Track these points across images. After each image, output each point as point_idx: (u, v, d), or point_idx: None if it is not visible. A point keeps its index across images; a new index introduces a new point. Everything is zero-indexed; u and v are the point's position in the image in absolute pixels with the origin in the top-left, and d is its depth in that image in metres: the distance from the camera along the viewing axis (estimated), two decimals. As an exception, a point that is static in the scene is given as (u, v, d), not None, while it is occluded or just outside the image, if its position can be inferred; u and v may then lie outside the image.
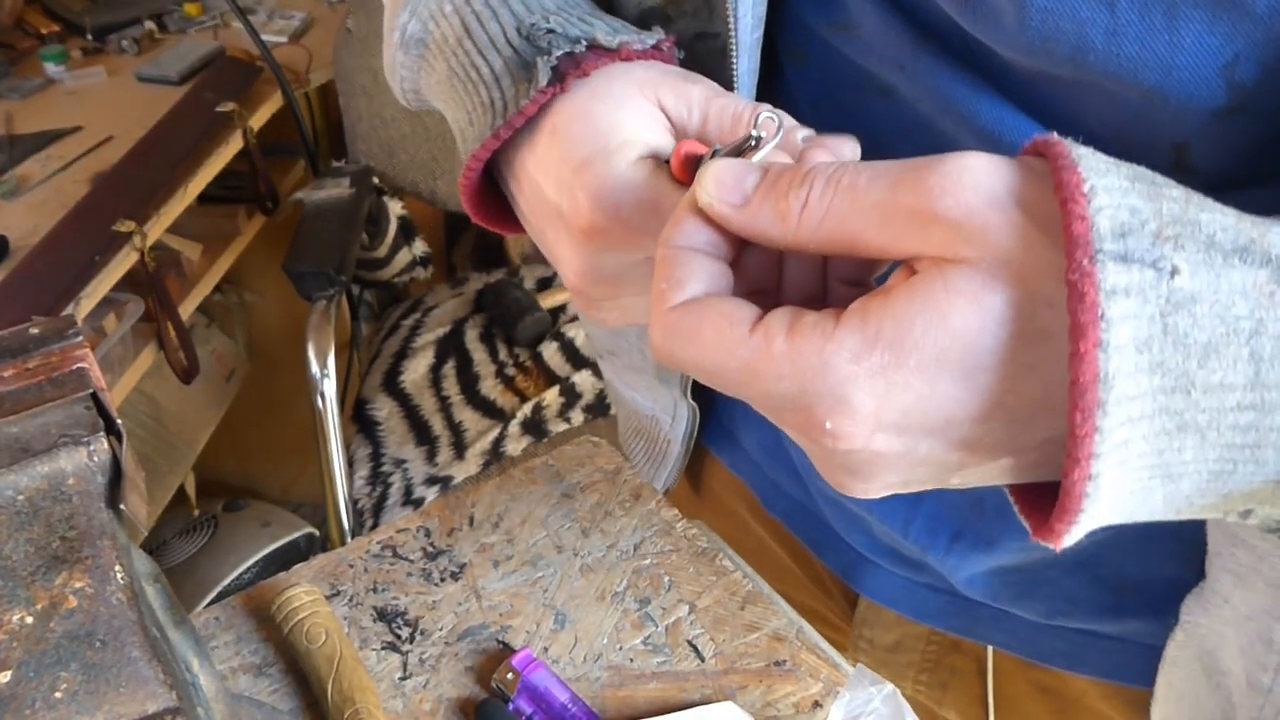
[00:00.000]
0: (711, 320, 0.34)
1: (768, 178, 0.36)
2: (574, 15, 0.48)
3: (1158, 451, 0.30)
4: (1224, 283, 0.30)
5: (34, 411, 0.41)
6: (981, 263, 0.31)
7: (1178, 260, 0.29)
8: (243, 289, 2.00)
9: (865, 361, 0.31)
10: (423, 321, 1.71)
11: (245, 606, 0.69)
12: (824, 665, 0.65)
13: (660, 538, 0.73)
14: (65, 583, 0.38)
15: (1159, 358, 0.29)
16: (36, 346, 0.43)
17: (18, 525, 0.39)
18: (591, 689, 0.64)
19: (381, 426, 1.55)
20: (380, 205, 1.68)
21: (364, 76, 1.67)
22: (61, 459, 0.40)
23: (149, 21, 1.78)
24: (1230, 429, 0.30)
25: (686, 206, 0.37)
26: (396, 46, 0.54)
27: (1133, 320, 0.29)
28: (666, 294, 0.36)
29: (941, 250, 0.31)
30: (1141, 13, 0.39)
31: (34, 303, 1.22)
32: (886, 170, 0.33)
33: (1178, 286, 0.29)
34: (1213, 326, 0.29)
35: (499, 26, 0.49)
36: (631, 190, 0.42)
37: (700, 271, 0.36)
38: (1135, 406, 0.29)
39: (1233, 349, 0.29)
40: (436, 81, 0.53)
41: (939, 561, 0.62)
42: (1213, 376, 0.29)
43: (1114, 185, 0.30)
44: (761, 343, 0.33)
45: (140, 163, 1.45)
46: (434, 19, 0.52)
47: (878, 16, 0.49)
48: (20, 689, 0.36)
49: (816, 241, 0.34)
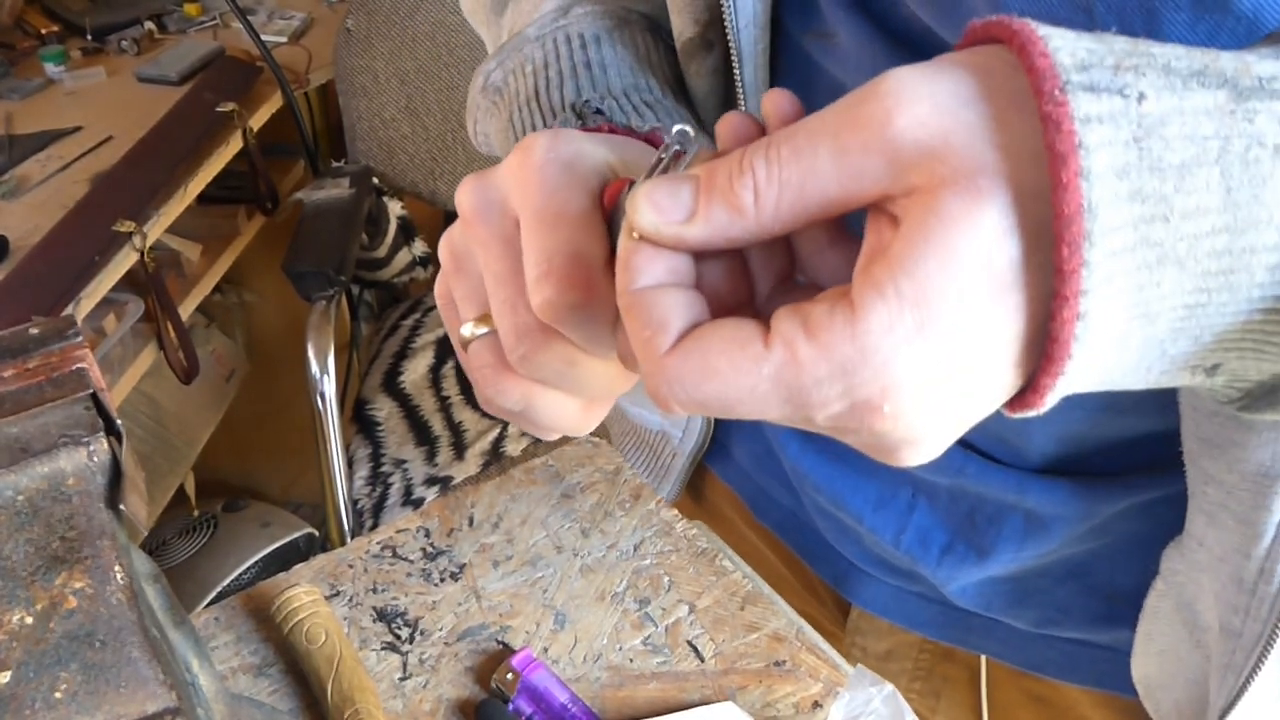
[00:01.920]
0: (719, 349, 0.32)
1: (702, 180, 0.33)
2: (631, 102, 0.49)
3: (1138, 287, 0.29)
4: (1188, 104, 0.29)
5: (34, 411, 0.41)
6: (959, 177, 0.29)
7: (1142, 86, 0.29)
8: (242, 289, 2.00)
9: (899, 330, 0.30)
10: (423, 321, 1.71)
11: (245, 607, 0.69)
12: (824, 665, 0.65)
13: (660, 538, 0.73)
14: (65, 583, 0.38)
15: (1137, 184, 0.29)
16: (36, 346, 0.43)
17: (18, 525, 0.39)
18: (591, 689, 0.64)
19: (381, 427, 1.55)
20: (380, 205, 1.68)
21: (364, 76, 1.67)
22: (61, 459, 0.40)
23: (149, 21, 1.79)
24: (1206, 255, 0.30)
25: (630, 244, 0.34)
26: (479, 90, 0.56)
27: (1109, 147, 0.28)
28: (653, 340, 0.33)
29: (911, 178, 0.30)
30: (1120, 16, 0.38)
31: (34, 303, 1.22)
32: (821, 121, 0.32)
33: (1146, 111, 0.29)
34: (1184, 148, 0.29)
35: (561, 95, 0.50)
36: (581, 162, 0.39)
37: (676, 305, 0.33)
38: (1118, 238, 0.29)
39: (1204, 170, 0.29)
40: (499, 129, 0.55)
41: (930, 572, 0.62)
42: (1189, 200, 0.29)
43: (1064, 33, 0.30)
44: (784, 353, 0.31)
45: (140, 163, 1.45)
46: (515, 75, 0.54)
47: (852, 23, 0.49)
48: (20, 689, 0.36)
49: (782, 222, 0.32)
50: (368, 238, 1.66)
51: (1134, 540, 0.56)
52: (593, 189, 0.38)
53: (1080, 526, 0.56)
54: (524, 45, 0.55)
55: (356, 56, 1.65)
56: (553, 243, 0.37)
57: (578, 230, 0.37)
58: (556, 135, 0.40)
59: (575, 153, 0.39)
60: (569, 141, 0.39)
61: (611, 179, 0.39)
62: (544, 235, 0.37)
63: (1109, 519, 0.56)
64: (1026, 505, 0.57)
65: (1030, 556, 0.59)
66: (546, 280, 0.36)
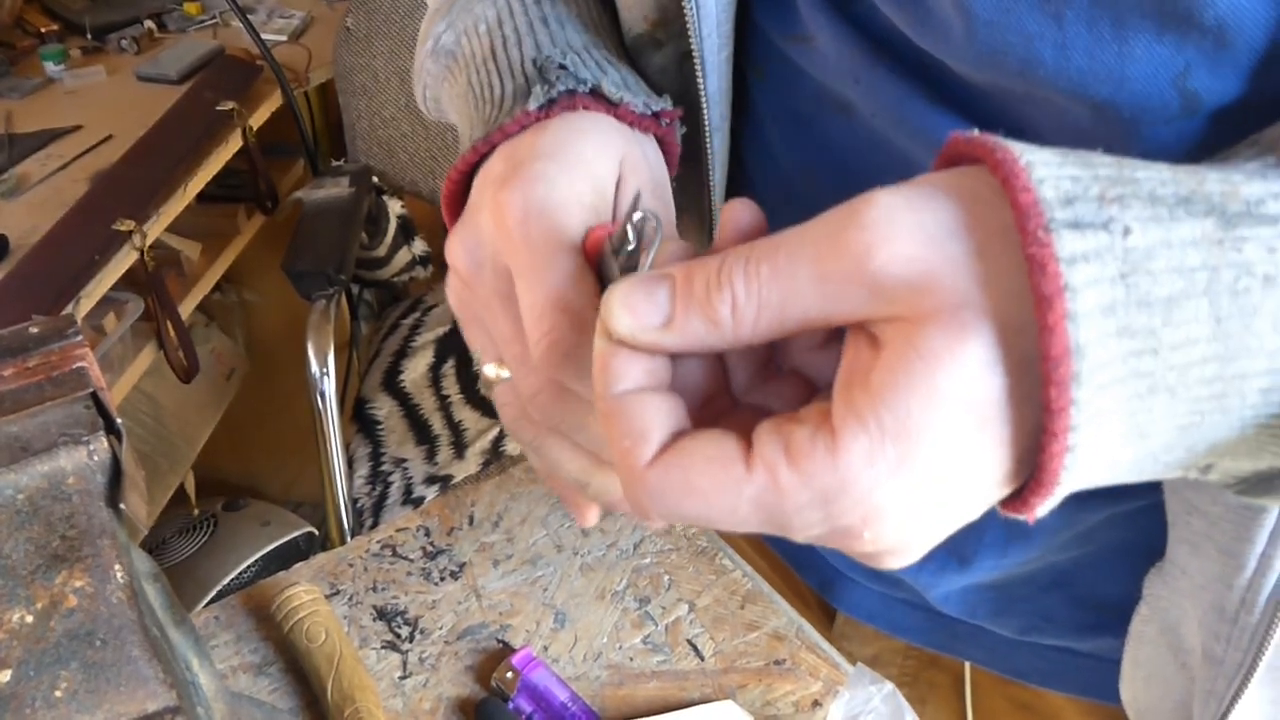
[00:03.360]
0: (700, 468, 0.32)
1: (679, 286, 0.33)
2: (593, 58, 0.48)
3: (1130, 414, 0.30)
4: (1174, 235, 0.29)
5: (34, 411, 0.41)
6: (942, 313, 0.29)
7: (1127, 219, 0.29)
8: (242, 288, 2.00)
9: (880, 463, 0.30)
10: (422, 321, 1.71)
11: (245, 606, 0.69)
12: (824, 664, 0.65)
13: (660, 537, 0.73)
14: (65, 582, 0.38)
15: (1125, 320, 0.29)
16: (36, 346, 0.43)
17: (18, 524, 0.39)
18: (591, 688, 0.64)
19: (381, 426, 1.55)
20: (380, 204, 1.68)
21: (364, 76, 1.67)
22: (61, 458, 0.40)
23: (149, 21, 1.78)
24: (1197, 383, 0.30)
25: (606, 346, 0.34)
26: (428, 54, 0.54)
27: (1095, 286, 0.28)
28: (633, 451, 0.33)
29: (892, 309, 0.30)
30: (1089, 25, 0.38)
31: (34, 302, 1.22)
32: (801, 241, 0.31)
33: (1132, 245, 0.29)
34: (1171, 282, 0.29)
35: (520, 54, 0.49)
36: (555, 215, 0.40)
37: (655, 414, 0.33)
38: (1107, 373, 0.29)
39: (1192, 302, 0.29)
40: (457, 94, 0.53)
41: (913, 579, 0.62)
42: (1178, 333, 0.29)
43: (1048, 159, 0.29)
44: (765, 478, 0.31)
45: (140, 162, 1.45)
46: (467, 35, 0.52)
47: (831, 28, 0.49)
48: (20, 688, 0.36)
49: (759, 336, 0.32)
50: (367, 237, 1.66)
51: (1117, 548, 0.56)
52: (574, 236, 0.40)
53: (1062, 535, 0.56)
54: (473, 4, 0.53)
55: (356, 55, 1.65)
56: (545, 301, 0.38)
57: (566, 285, 0.38)
58: (526, 186, 0.41)
59: (547, 202, 0.40)
60: (540, 189, 0.41)
61: (591, 223, 0.41)
62: (536, 294, 0.39)
63: (1092, 527, 0.55)
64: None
65: (1012, 564, 0.59)
66: (546, 338, 0.38)
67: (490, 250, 0.42)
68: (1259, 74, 0.37)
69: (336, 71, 1.67)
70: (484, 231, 0.42)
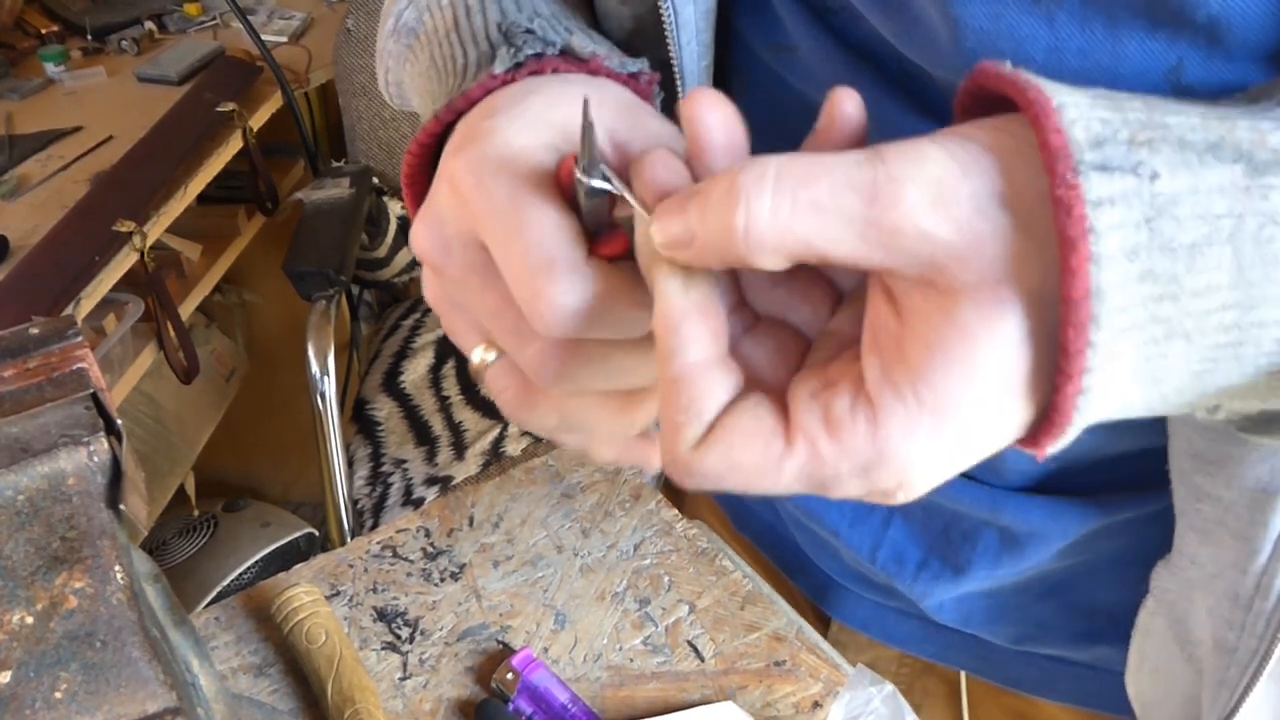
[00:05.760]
0: (741, 445, 0.32)
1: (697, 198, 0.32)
2: (561, 23, 0.46)
3: (1145, 359, 0.30)
4: (1202, 182, 0.29)
5: (34, 411, 0.41)
6: (983, 288, 0.30)
7: (1156, 164, 0.29)
8: (243, 289, 2.00)
9: (917, 434, 0.31)
10: (422, 321, 1.71)
11: (245, 606, 0.69)
12: (824, 665, 0.65)
13: (660, 538, 0.73)
14: (65, 583, 0.38)
15: (1148, 265, 0.29)
16: (36, 346, 0.43)
17: (18, 525, 0.39)
18: (591, 689, 0.64)
19: (381, 427, 1.55)
20: (380, 205, 1.68)
21: (364, 76, 1.67)
22: (61, 459, 0.40)
23: (149, 21, 1.78)
24: (1215, 329, 0.30)
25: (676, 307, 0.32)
26: (389, 34, 0.52)
27: (1120, 230, 0.28)
28: (686, 427, 0.32)
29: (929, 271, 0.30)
30: (1082, 25, 0.38)
31: (34, 303, 1.22)
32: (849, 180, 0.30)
33: (1159, 190, 0.29)
34: (1196, 228, 0.29)
35: (484, 21, 0.47)
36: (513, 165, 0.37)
37: (717, 390, 0.33)
38: (1126, 317, 0.29)
39: (1215, 249, 0.29)
40: (419, 73, 0.50)
41: (906, 588, 0.62)
42: (1199, 279, 0.29)
43: (1080, 100, 0.29)
44: (806, 450, 0.32)
45: (140, 163, 1.45)
46: (429, 10, 0.50)
47: (813, 38, 0.49)
48: (20, 689, 0.36)
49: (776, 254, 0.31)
50: (368, 238, 1.66)
51: (1113, 558, 0.56)
52: (539, 184, 0.36)
53: (1057, 544, 0.56)
54: None
55: (356, 56, 1.65)
56: (526, 257, 0.35)
57: (545, 234, 0.35)
58: (476, 146, 0.37)
59: (504, 155, 0.37)
60: (493, 144, 0.37)
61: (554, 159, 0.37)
62: (515, 254, 0.35)
63: (1087, 537, 0.55)
64: (1002, 523, 0.57)
65: (1007, 573, 0.59)
66: (540, 299, 0.35)
67: (454, 226, 0.38)
68: (1251, 68, 0.37)
69: (337, 72, 1.67)
70: (444, 208, 0.38)
